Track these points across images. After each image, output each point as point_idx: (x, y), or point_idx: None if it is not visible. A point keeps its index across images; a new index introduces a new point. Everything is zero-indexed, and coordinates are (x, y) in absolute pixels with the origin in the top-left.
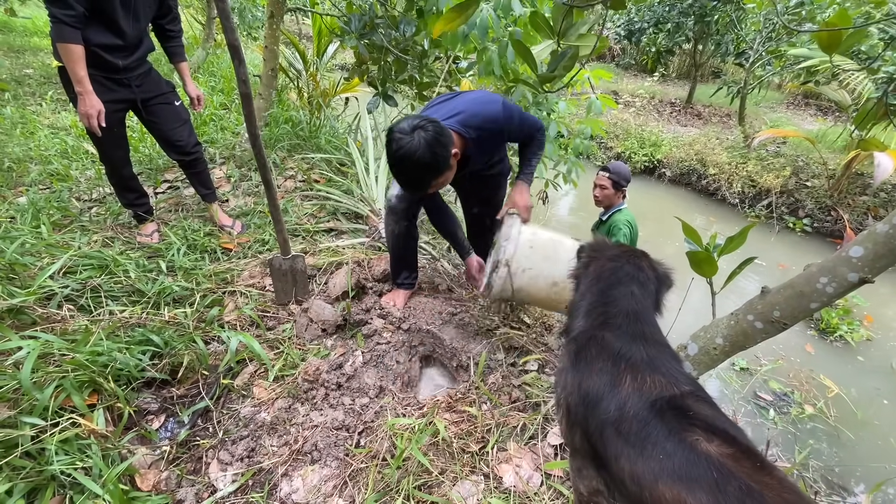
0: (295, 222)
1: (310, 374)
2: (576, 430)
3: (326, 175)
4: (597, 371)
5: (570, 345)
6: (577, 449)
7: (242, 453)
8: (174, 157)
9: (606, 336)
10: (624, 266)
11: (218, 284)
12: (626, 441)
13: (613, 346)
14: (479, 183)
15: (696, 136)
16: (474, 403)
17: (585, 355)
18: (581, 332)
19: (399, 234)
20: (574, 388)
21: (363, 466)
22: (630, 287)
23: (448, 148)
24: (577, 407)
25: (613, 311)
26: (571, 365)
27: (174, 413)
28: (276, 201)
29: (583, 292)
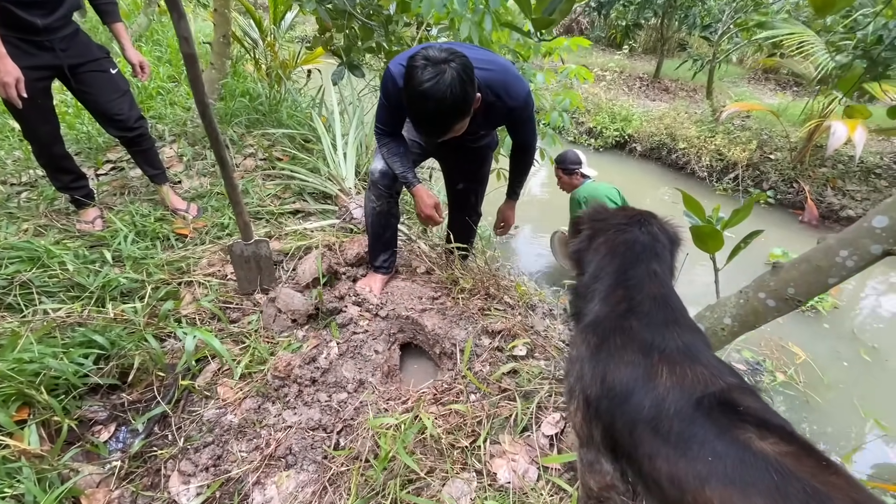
0: (257, 204)
1: (280, 370)
2: (595, 425)
3: (290, 152)
4: (625, 363)
5: (587, 333)
6: (594, 443)
7: (207, 462)
8: (114, 134)
9: (634, 325)
10: (638, 237)
11: (172, 275)
12: (664, 441)
13: (643, 335)
14: (466, 155)
15: (665, 110)
16: (461, 394)
17: (609, 345)
18: (601, 318)
19: (380, 212)
20: (595, 381)
21: (344, 470)
22: (650, 265)
23: (475, 88)
24: (598, 401)
25: (638, 295)
26: (591, 355)
27: (126, 421)
28: (233, 180)
29: (594, 272)
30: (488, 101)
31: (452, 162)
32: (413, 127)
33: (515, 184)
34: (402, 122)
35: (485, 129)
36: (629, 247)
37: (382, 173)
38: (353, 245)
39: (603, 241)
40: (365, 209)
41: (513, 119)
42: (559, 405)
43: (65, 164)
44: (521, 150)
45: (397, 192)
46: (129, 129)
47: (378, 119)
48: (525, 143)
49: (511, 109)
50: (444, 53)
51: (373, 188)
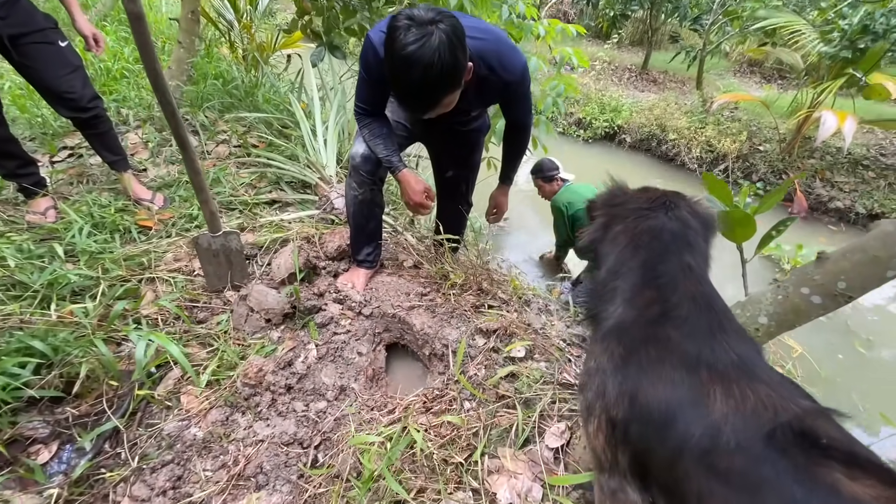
0: (230, 193)
1: (251, 376)
2: (622, 450)
3: (266, 138)
4: (663, 381)
5: (609, 341)
6: (618, 469)
7: (165, 484)
8: (66, 115)
9: (671, 333)
10: (665, 224)
11: (132, 271)
12: (723, 481)
13: (685, 346)
14: (456, 139)
15: (655, 101)
16: (455, 402)
17: (640, 358)
18: (626, 324)
19: (363, 200)
20: (622, 400)
21: (322, 491)
22: (683, 257)
23: (467, 55)
24: (627, 423)
25: (672, 296)
26: (616, 368)
27: (71, 439)
28: (196, 163)
29: (613, 267)
30: (481, 75)
31: (441, 147)
32: (396, 101)
33: (509, 167)
34: (384, 100)
35: (476, 108)
36: (655, 236)
37: (364, 158)
38: (333, 237)
39: (622, 229)
40: (346, 198)
41: (508, 95)
42: (564, 413)
43: (9, 148)
44: (516, 129)
45: (381, 179)
46: (83, 110)
47: (358, 96)
48: (520, 122)
49: (506, 84)
50: (431, 13)
51: (354, 174)
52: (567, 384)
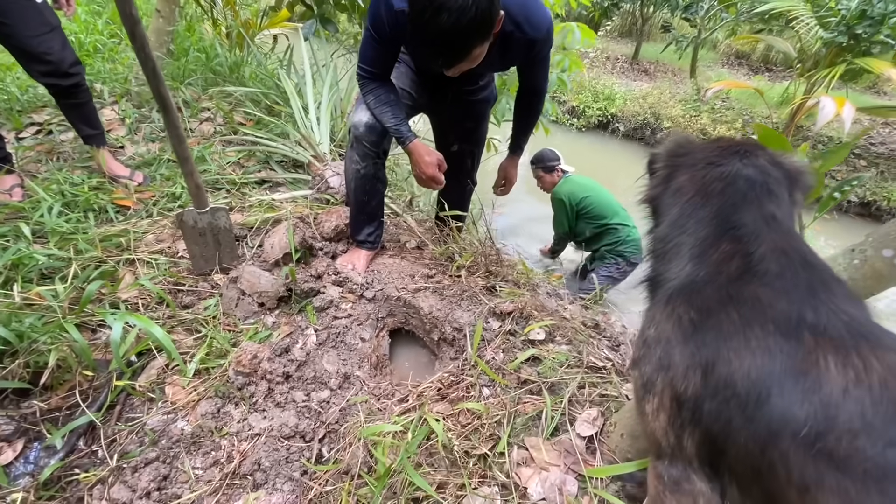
0: (216, 172)
1: (245, 364)
2: (690, 432)
3: (254, 115)
4: (753, 348)
5: (675, 303)
6: (683, 455)
7: (149, 485)
8: (43, 80)
9: (761, 293)
10: (739, 170)
11: (109, 252)
12: (843, 469)
13: (780, 306)
14: (464, 110)
15: (648, 89)
16: (472, 388)
17: (719, 322)
18: (698, 283)
19: (365, 175)
20: (693, 372)
21: (330, 489)
22: (765, 206)
23: (499, 4)
24: (699, 400)
25: (756, 248)
26: (686, 336)
27: (40, 436)
28: (179, 129)
29: (676, 220)
30: (506, 31)
31: (448, 118)
32: (419, 53)
33: (520, 135)
34: (393, 62)
35: (496, 68)
36: (729, 183)
37: (368, 127)
38: (330, 217)
39: (688, 178)
40: (346, 173)
41: (531, 55)
42: (594, 399)
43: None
44: (532, 94)
45: (385, 152)
46: (63, 75)
47: (363, 58)
48: (537, 86)
49: (532, 42)
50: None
51: (356, 146)
52: (595, 367)
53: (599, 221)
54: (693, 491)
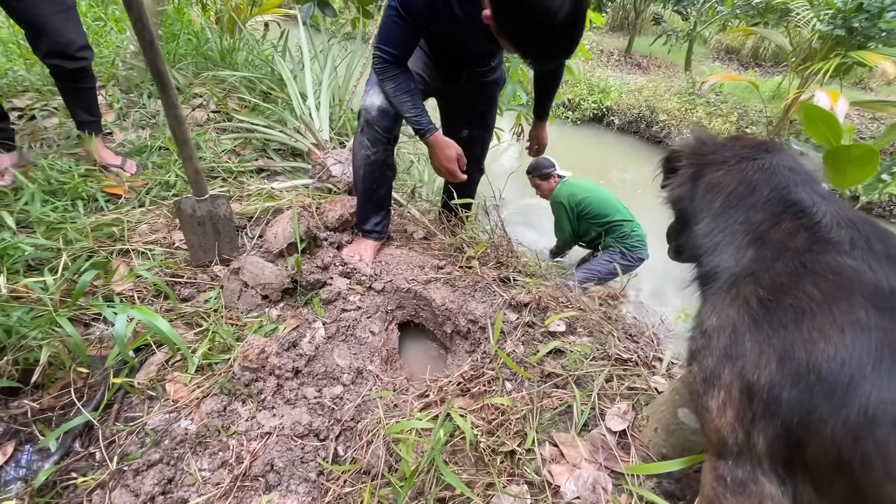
0: (212, 160)
1: (252, 359)
2: (764, 426)
3: (249, 102)
4: (838, 326)
5: (739, 287)
6: (752, 453)
7: (154, 489)
8: (47, 61)
9: (840, 261)
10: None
11: (101, 242)
12: None
13: (867, 277)
14: (476, 93)
15: (643, 83)
16: (495, 382)
17: (795, 300)
18: (766, 262)
19: (375, 161)
20: (768, 359)
21: (349, 490)
22: (815, 186)
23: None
24: (775, 389)
25: (823, 219)
26: (756, 320)
27: (31, 437)
28: (177, 108)
29: (721, 213)
30: None
31: (459, 102)
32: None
33: (545, 103)
34: (416, 44)
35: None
36: (773, 172)
37: (382, 111)
38: (334, 206)
39: (723, 174)
40: (354, 159)
41: None
42: (623, 392)
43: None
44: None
45: (396, 137)
46: (69, 58)
47: (386, 39)
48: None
49: None
50: None
51: (368, 130)
52: (621, 359)
53: (602, 220)
54: (760, 494)
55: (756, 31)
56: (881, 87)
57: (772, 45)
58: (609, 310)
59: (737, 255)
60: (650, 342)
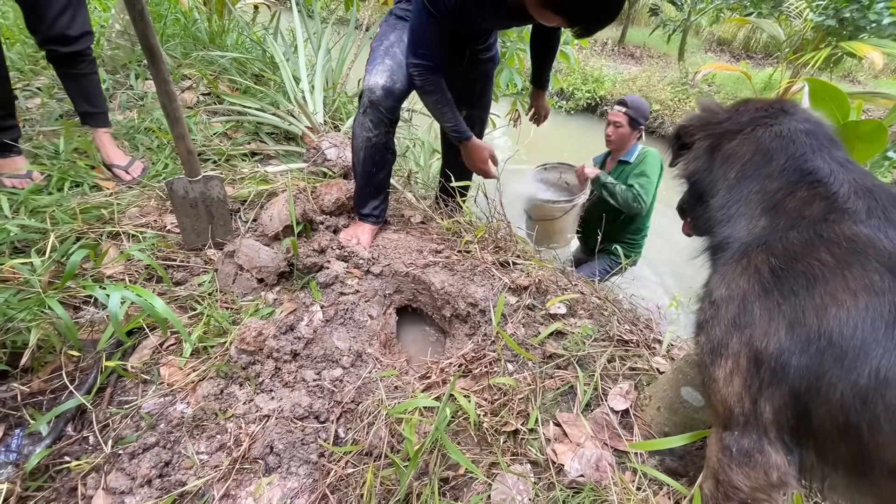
0: (202, 143)
1: (249, 342)
2: (771, 394)
3: (240, 84)
4: (854, 290)
5: (751, 257)
6: (758, 423)
7: (150, 471)
8: (48, 46)
9: (857, 230)
10: (796, 125)
11: (90, 224)
12: None
13: (879, 243)
14: (473, 73)
15: (637, 73)
16: (496, 364)
17: (807, 267)
18: (778, 232)
19: (376, 143)
20: (777, 327)
21: (351, 471)
22: (834, 152)
23: None
24: (784, 356)
25: (840, 189)
26: (766, 289)
27: (22, 421)
28: (170, 84)
29: (736, 184)
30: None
31: (458, 82)
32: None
33: (543, 72)
34: (447, 44)
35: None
36: (791, 139)
37: (386, 90)
38: (330, 189)
39: (739, 143)
40: (354, 141)
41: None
42: (625, 373)
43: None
44: (549, 42)
45: (397, 119)
46: (69, 41)
47: (424, 43)
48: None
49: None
50: None
51: (371, 111)
52: (623, 341)
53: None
54: (766, 463)
55: (750, 21)
56: (868, 79)
57: (763, 37)
58: (608, 293)
59: (749, 226)
60: (648, 326)
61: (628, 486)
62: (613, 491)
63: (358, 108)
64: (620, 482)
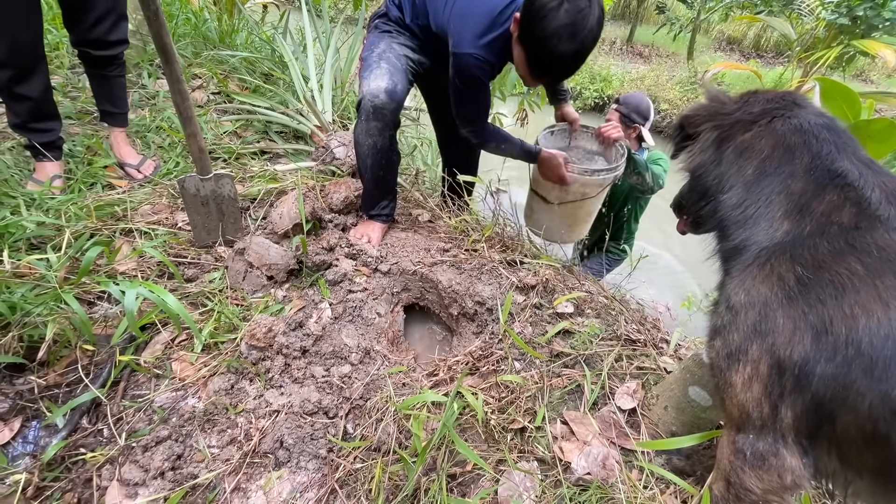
0: (212, 142)
1: (259, 338)
2: (789, 401)
3: (250, 83)
4: (886, 300)
5: (774, 264)
6: (776, 427)
7: (162, 464)
8: (81, 47)
9: (886, 238)
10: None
11: (103, 221)
12: None
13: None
14: None
15: (645, 72)
16: (503, 362)
17: (838, 276)
18: (803, 238)
19: (382, 148)
20: (803, 335)
21: (360, 466)
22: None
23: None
24: (808, 364)
25: (871, 194)
26: (790, 296)
27: (38, 414)
28: (183, 83)
29: (755, 182)
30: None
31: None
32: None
33: (556, 89)
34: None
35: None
36: (812, 135)
37: (390, 94)
38: (338, 188)
39: (753, 136)
40: (360, 147)
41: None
42: (632, 372)
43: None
44: None
45: (399, 122)
46: (102, 45)
47: (483, 111)
48: None
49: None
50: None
51: (375, 117)
52: (630, 340)
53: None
54: (780, 466)
55: (760, 20)
56: (882, 79)
57: (773, 36)
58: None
59: (770, 229)
60: (655, 326)
61: (635, 485)
62: (620, 489)
63: (358, 117)
64: (627, 480)
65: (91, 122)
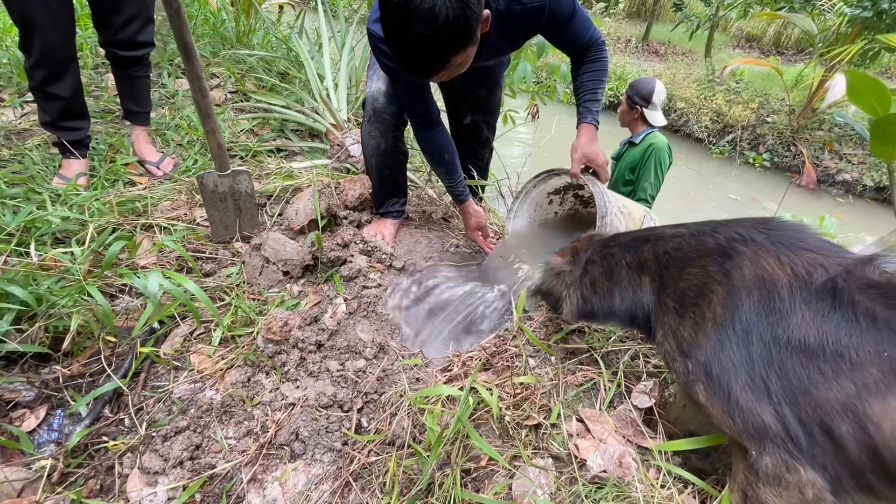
0: (230, 139)
1: (275, 332)
2: None
3: (266, 82)
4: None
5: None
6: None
7: (182, 454)
8: (109, 48)
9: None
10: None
11: (125, 217)
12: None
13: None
14: (475, 78)
15: (661, 69)
16: (518, 359)
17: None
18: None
19: (386, 150)
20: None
21: (374, 459)
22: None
23: (480, 7)
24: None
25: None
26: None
27: (63, 403)
28: (202, 81)
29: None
30: (500, 11)
31: (460, 86)
32: (396, 70)
33: (590, 101)
34: (429, 100)
35: (508, 51)
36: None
37: (389, 97)
38: (353, 185)
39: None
40: (365, 149)
41: (546, 24)
42: (650, 370)
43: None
44: (583, 52)
45: (405, 122)
46: (129, 46)
47: (403, 106)
48: (582, 44)
49: (536, 13)
50: None
51: (376, 120)
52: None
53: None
54: (800, 482)
55: (781, 16)
56: None
57: (794, 33)
58: None
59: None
60: None
61: (652, 483)
62: (637, 487)
63: (364, 117)
64: (644, 479)
65: (113, 120)
